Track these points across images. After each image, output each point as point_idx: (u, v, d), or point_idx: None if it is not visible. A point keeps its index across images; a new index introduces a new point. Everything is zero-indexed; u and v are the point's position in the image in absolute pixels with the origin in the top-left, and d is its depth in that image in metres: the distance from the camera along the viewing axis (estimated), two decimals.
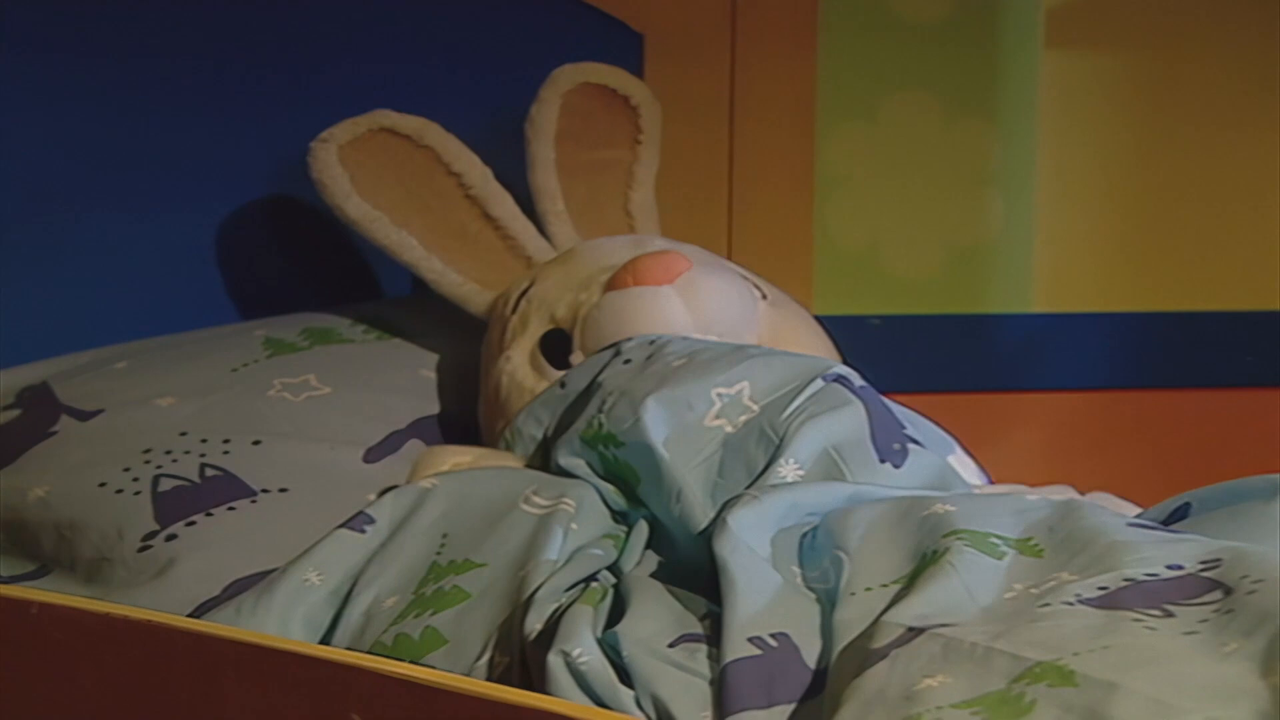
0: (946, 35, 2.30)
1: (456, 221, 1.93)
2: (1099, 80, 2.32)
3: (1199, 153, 2.32)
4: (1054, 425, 2.34)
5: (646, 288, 1.75)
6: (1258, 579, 1.26)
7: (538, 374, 1.79)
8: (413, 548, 1.60)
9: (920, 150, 2.30)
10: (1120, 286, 2.34)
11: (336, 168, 1.90)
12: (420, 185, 1.93)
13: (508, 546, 1.56)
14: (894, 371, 2.22)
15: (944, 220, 2.31)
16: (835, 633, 1.35)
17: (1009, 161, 2.31)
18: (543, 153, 1.95)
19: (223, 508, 1.74)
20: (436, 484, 1.65)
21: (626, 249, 1.83)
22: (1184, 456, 2.31)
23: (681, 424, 1.60)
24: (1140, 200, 2.34)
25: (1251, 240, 2.32)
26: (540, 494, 1.61)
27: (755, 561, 1.41)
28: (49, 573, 1.76)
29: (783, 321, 1.84)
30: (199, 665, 1.41)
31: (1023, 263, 2.32)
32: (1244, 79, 2.32)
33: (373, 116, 1.93)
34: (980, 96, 2.31)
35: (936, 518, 1.43)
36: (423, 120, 1.93)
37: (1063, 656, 1.21)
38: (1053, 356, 2.33)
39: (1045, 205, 2.31)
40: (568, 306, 1.80)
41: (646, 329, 1.75)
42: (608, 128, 2.00)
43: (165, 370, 1.89)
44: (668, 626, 1.42)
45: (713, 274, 1.79)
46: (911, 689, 1.23)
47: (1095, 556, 1.34)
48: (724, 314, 1.77)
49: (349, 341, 1.95)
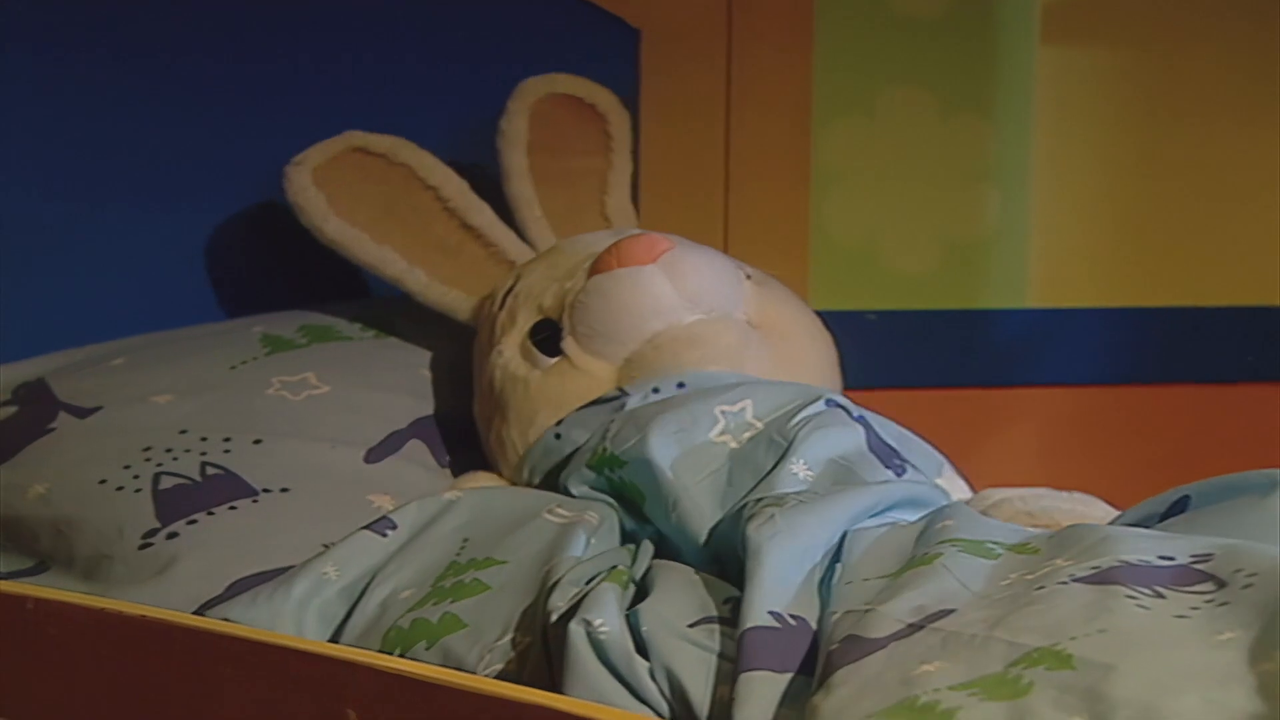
0: (943, 31, 2.30)
1: (437, 234, 1.94)
2: (1095, 76, 2.32)
3: (1195, 148, 2.32)
4: (1050, 420, 2.34)
5: (631, 269, 1.77)
6: (1252, 573, 1.27)
7: (530, 364, 1.80)
8: (432, 550, 1.61)
9: (917, 146, 2.30)
10: (1116, 282, 2.34)
11: (311, 190, 1.91)
12: (398, 200, 1.94)
13: (531, 547, 1.57)
14: (890, 367, 2.22)
15: (940, 216, 2.30)
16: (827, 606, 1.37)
17: (1005, 157, 2.31)
18: (516, 162, 1.98)
19: (224, 507, 1.74)
20: (461, 496, 1.67)
21: (607, 238, 1.85)
22: (1180, 452, 2.31)
23: (688, 442, 1.63)
24: (1136, 196, 2.34)
25: (1247, 236, 2.32)
26: (564, 507, 1.63)
27: (791, 554, 1.43)
28: (47, 569, 1.76)
29: (771, 300, 1.85)
30: (196, 661, 1.41)
31: (1019, 258, 2.32)
32: (1240, 75, 2.31)
33: (345, 138, 1.95)
34: (977, 92, 2.31)
35: (935, 530, 1.46)
36: (395, 139, 1.95)
37: (1060, 641, 1.22)
38: (1049, 352, 2.33)
39: (1041, 201, 2.31)
40: (554, 295, 1.81)
41: (634, 308, 1.77)
42: (579, 135, 2.02)
43: (163, 367, 1.89)
44: (690, 609, 1.44)
45: (695, 251, 1.81)
46: (909, 674, 1.24)
47: (1088, 547, 1.36)
48: (710, 289, 1.79)
49: (347, 339, 1.95)
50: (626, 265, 1.77)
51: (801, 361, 1.82)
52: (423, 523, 1.64)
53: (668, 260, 1.78)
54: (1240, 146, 2.31)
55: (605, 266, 1.78)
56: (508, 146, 1.98)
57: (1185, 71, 2.32)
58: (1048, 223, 2.31)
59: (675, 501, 1.58)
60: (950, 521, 1.46)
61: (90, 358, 1.94)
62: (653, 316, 1.77)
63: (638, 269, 1.77)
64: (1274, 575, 1.26)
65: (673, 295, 1.77)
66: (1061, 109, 2.31)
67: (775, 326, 1.83)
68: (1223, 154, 2.32)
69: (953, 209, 2.31)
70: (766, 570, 1.40)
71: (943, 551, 1.39)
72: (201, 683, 1.41)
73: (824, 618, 1.37)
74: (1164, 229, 2.33)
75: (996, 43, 2.31)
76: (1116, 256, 2.33)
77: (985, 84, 2.31)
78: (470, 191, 1.95)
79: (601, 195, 2.02)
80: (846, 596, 1.38)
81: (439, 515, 1.65)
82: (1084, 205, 2.32)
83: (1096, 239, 2.33)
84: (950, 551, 1.39)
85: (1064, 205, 2.31)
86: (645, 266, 1.77)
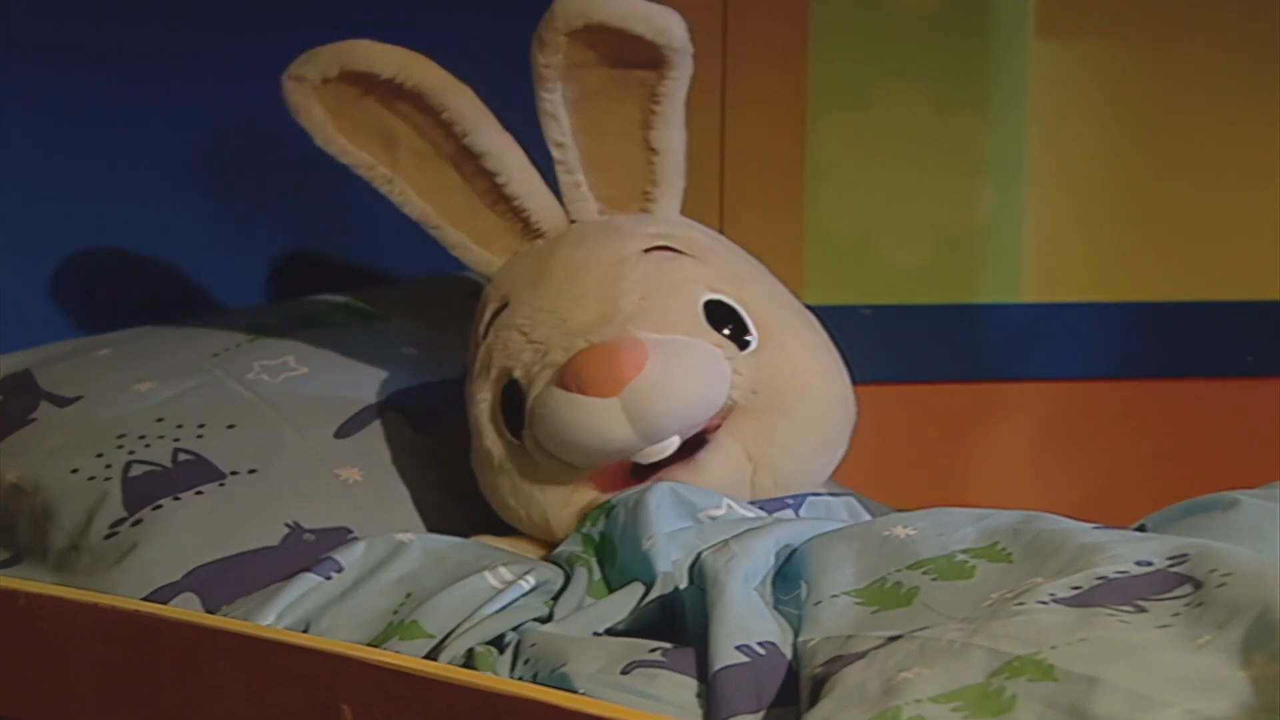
0: (937, 24, 2.30)
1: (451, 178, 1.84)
2: (1089, 70, 2.32)
3: (1188, 143, 2.32)
4: (1043, 415, 2.34)
5: (588, 400, 1.64)
6: (1226, 572, 1.27)
7: (496, 431, 1.72)
8: (375, 601, 1.57)
9: (911, 139, 2.29)
10: (1110, 276, 2.34)
11: (315, 109, 1.78)
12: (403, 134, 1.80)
13: (456, 614, 1.52)
14: (884, 361, 2.22)
15: (935, 209, 2.30)
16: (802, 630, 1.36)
17: (1000, 151, 2.31)
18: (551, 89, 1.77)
19: (190, 492, 1.73)
20: (413, 540, 1.62)
21: (607, 277, 1.71)
22: (1173, 447, 2.31)
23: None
24: (1130, 190, 2.34)
25: (1242, 230, 2.32)
26: (509, 567, 1.58)
27: (743, 579, 1.41)
28: (21, 561, 1.75)
29: (774, 361, 1.72)
30: (189, 656, 1.41)
31: (1013, 252, 2.32)
32: (1234, 69, 2.31)
33: (345, 51, 1.78)
34: (971, 86, 2.30)
35: (897, 542, 1.44)
36: (406, 53, 1.79)
37: (1040, 650, 1.22)
38: (1043, 346, 2.33)
39: (1036, 195, 2.31)
40: (524, 367, 1.71)
41: (581, 444, 1.65)
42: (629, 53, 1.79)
43: (146, 357, 1.89)
44: (615, 659, 1.40)
45: (671, 368, 1.66)
46: (890, 683, 1.23)
47: (1068, 560, 1.35)
48: (676, 418, 1.65)
49: (331, 325, 1.95)
50: (585, 394, 1.64)
51: (796, 440, 1.71)
52: (369, 567, 1.59)
53: (632, 391, 1.63)
54: (1235, 140, 2.31)
55: (564, 385, 1.65)
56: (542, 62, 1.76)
57: (1179, 66, 2.32)
58: (1042, 217, 2.31)
59: (653, 536, 1.55)
60: (909, 530, 1.44)
61: (77, 349, 1.94)
62: (601, 455, 1.66)
63: (594, 402, 1.63)
64: (1247, 574, 1.26)
65: (626, 435, 1.64)
66: (1056, 103, 2.31)
67: (776, 397, 1.70)
68: (1217, 148, 2.32)
69: (948, 203, 2.31)
70: (728, 599, 1.38)
71: (919, 586, 1.37)
72: (194, 677, 1.41)
73: (798, 644, 1.36)
74: (1158, 223, 2.32)
75: (991, 37, 2.31)
76: (1111, 251, 2.33)
77: (980, 78, 2.31)
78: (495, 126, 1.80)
79: (646, 130, 1.80)
80: (820, 620, 1.37)
81: (387, 560, 1.60)
82: (1079, 200, 2.32)
83: (1091, 233, 2.33)
84: (926, 584, 1.37)
85: (1059, 200, 2.31)
86: (603, 401, 1.63)
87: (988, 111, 2.31)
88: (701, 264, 1.75)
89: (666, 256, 1.74)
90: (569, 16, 1.74)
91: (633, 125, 1.78)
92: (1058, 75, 2.31)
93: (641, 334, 1.67)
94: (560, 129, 1.78)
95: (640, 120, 1.78)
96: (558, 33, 1.74)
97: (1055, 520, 1.44)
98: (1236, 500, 1.50)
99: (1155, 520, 1.54)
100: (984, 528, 1.43)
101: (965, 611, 1.33)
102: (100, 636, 1.45)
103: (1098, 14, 2.33)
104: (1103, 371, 2.33)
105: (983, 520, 1.45)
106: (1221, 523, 1.48)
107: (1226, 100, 2.32)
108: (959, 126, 2.30)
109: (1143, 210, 2.33)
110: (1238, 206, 2.32)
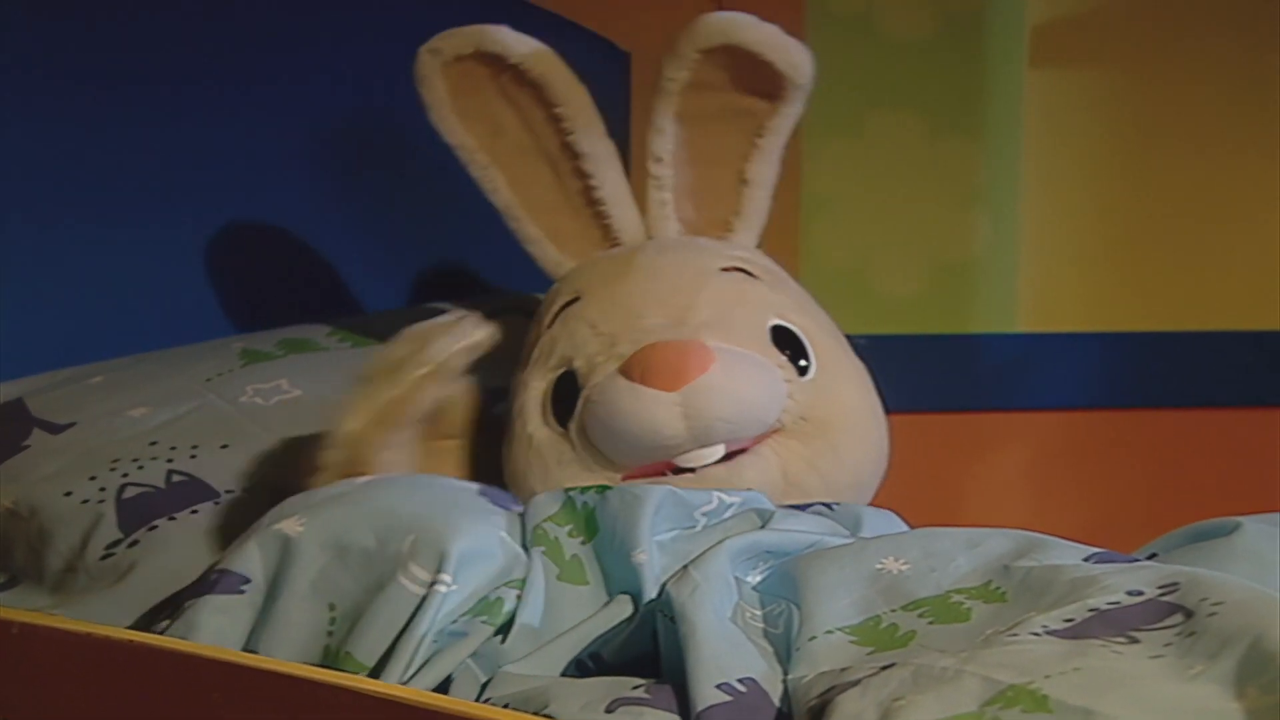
0: (932, 53, 2.30)
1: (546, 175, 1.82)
2: (1084, 99, 2.32)
3: (1183, 171, 2.33)
4: (1039, 445, 2.34)
5: (648, 391, 1.65)
6: (1217, 601, 1.27)
7: (542, 418, 1.72)
8: (300, 618, 1.53)
9: (906, 169, 2.30)
10: (1105, 306, 2.34)
11: (438, 83, 1.79)
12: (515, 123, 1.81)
13: (384, 637, 1.49)
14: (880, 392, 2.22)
15: (930, 238, 2.31)
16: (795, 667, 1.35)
17: (995, 180, 2.31)
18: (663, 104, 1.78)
19: (186, 511, 1.73)
20: (301, 532, 1.55)
21: (686, 284, 1.73)
22: (1169, 477, 2.31)
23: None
24: (1125, 219, 2.34)
25: (1237, 259, 2.32)
26: (418, 559, 1.52)
27: (713, 610, 1.40)
28: (18, 584, 1.76)
29: (828, 389, 1.74)
30: (184, 686, 1.40)
31: (1008, 282, 2.32)
32: (1229, 98, 2.32)
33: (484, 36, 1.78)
34: (966, 115, 2.31)
35: (890, 577, 1.42)
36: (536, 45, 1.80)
37: (1034, 680, 1.21)
38: (1038, 376, 2.33)
39: (1031, 224, 2.31)
40: (587, 358, 1.71)
41: (633, 435, 1.65)
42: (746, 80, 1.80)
43: (139, 383, 1.90)
44: (598, 697, 1.38)
45: (734, 371, 1.68)
46: (885, 713, 1.23)
47: (1060, 596, 1.35)
48: (732, 422, 1.66)
49: (324, 349, 1.95)
50: (648, 384, 1.66)
51: (834, 472, 1.72)
52: (273, 569, 1.54)
53: (693, 389, 1.64)
54: (1230, 170, 2.31)
55: (628, 373, 1.67)
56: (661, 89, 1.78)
57: (1174, 94, 2.32)
58: (1037, 246, 2.31)
59: (645, 550, 1.52)
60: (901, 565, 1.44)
61: (70, 377, 1.95)
62: (649, 450, 1.66)
63: (654, 394, 1.65)
64: (1238, 603, 1.26)
65: (680, 434, 1.65)
66: (1051, 132, 2.32)
67: (825, 427, 1.71)
68: (1212, 177, 2.32)
69: (942, 232, 2.31)
70: (700, 635, 1.37)
71: (915, 630, 1.37)
72: (190, 708, 1.40)
73: (789, 680, 1.34)
74: (1153, 253, 2.33)
75: (985, 65, 2.31)
76: (1106, 281, 2.33)
77: (975, 107, 2.31)
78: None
79: (744, 160, 1.80)
80: (815, 657, 1.35)
81: (286, 564, 1.54)
82: (1074, 229, 2.32)
83: (1086, 263, 2.33)
84: (922, 628, 1.36)
85: (1054, 229, 2.32)
86: (663, 394, 1.65)
87: (982, 141, 2.31)
88: (774, 291, 1.78)
89: (743, 278, 1.76)
90: (710, 33, 1.75)
91: (732, 154, 1.80)
92: (1052, 104, 2.32)
93: (711, 341, 1.68)
94: (664, 145, 1.80)
95: (741, 150, 1.80)
96: (693, 47, 1.76)
97: (1048, 546, 1.43)
98: (1239, 524, 1.50)
99: (1162, 545, 1.54)
100: (977, 560, 1.42)
101: (960, 647, 1.33)
102: (95, 666, 1.45)
103: (1091, 43, 2.33)
104: (1098, 401, 2.33)
105: (974, 549, 1.44)
106: (1224, 547, 1.48)
107: (1221, 129, 2.32)
108: (954, 156, 2.30)
109: (1138, 239, 2.33)
110: (1233, 236, 2.32)
